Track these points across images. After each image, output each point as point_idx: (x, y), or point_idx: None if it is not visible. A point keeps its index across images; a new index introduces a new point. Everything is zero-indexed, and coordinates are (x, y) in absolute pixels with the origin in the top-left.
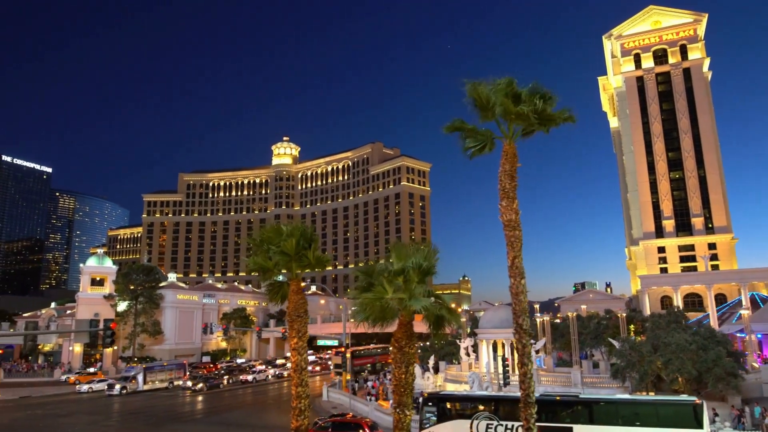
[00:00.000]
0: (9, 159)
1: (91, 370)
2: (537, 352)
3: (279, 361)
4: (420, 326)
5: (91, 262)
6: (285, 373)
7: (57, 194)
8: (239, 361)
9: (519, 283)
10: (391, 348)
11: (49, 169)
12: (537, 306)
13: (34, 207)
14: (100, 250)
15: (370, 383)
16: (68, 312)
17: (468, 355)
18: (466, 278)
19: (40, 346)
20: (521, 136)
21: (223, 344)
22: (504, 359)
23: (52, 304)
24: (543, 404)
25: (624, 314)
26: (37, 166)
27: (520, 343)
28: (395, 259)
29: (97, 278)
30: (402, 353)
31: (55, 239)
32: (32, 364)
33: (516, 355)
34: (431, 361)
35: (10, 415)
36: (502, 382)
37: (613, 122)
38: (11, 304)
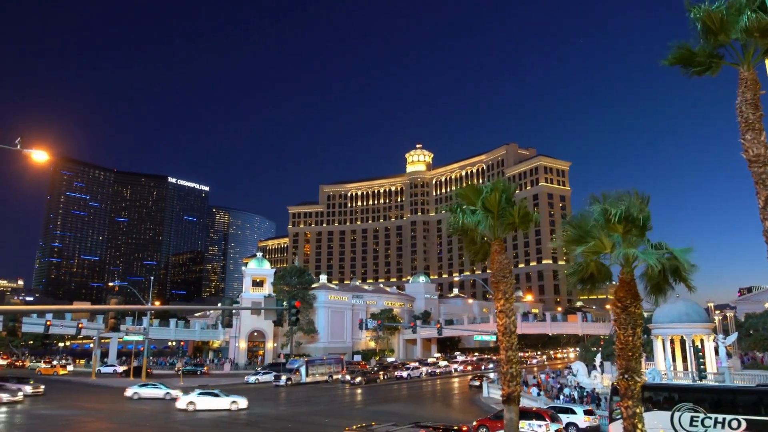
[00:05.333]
0: (174, 180)
1: (55, 362)
2: (727, 348)
3: (430, 360)
4: (574, 328)
5: (252, 265)
6: (438, 371)
7: (214, 210)
8: (389, 360)
9: None
10: (613, 309)
11: (207, 188)
12: (711, 305)
13: (195, 222)
14: (259, 254)
15: (535, 379)
16: (233, 313)
17: None
18: (613, 282)
19: (209, 343)
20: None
21: (372, 344)
22: (698, 351)
23: (218, 304)
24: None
25: None
26: (197, 186)
27: None
28: (609, 206)
29: (257, 280)
30: (627, 314)
31: (213, 251)
32: (204, 359)
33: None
34: (597, 360)
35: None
36: (696, 376)
37: None
38: (179, 309)
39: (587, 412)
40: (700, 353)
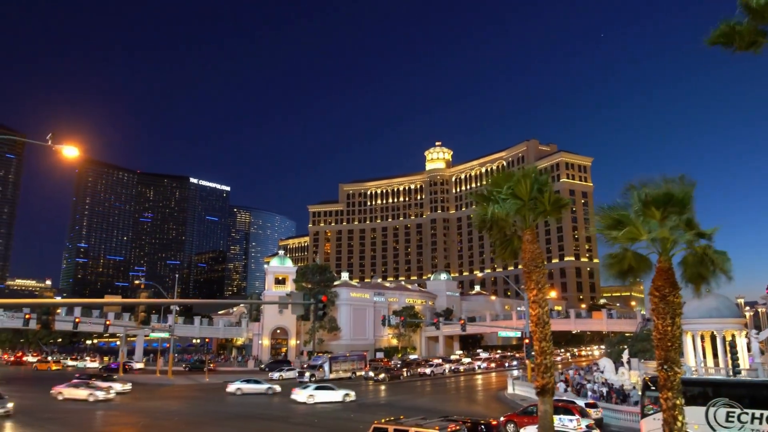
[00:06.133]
0: (195, 181)
1: (50, 358)
2: (759, 345)
3: (453, 357)
4: (599, 324)
5: (275, 262)
6: (461, 368)
7: (235, 210)
8: (411, 357)
9: None
10: (651, 298)
11: (228, 188)
12: (742, 301)
13: (217, 222)
14: (281, 252)
15: (562, 375)
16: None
17: None
18: (639, 280)
19: (233, 340)
20: None
21: (394, 341)
22: (732, 346)
23: (241, 303)
24: None
25: None
26: (218, 186)
27: None
28: (647, 190)
29: (280, 278)
30: (665, 303)
31: (235, 251)
32: (228, 356)
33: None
34: (625, 357)
35: (219, 394)
36: (731, 371)
37: None
38: (203, 307)
39: (589, 405)
40: (734, 348)
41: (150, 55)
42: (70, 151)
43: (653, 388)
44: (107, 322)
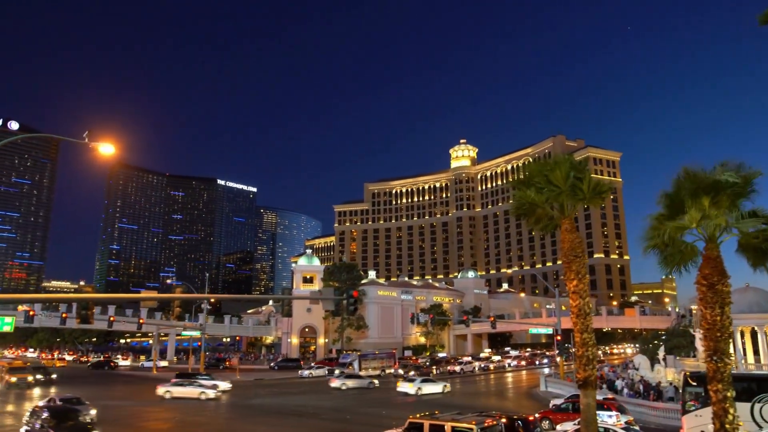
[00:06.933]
0: (222, 182)
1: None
2: None
3: (482, 355)
4: (632, 321)
5: (302, 261)
6: (491, 366)
7: (261, 211)
8: (440, 355)
9: None
10: (698, 288)
11: (254, 189)
12: None
13: (244, 223)
14: (308, 251)
15: (599, 371)
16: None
17: None
18: (671, 276)
19: (262, 339)
20: None
21: (422, 340)
22: None
23: (270, 302)
24: None
25: None
26: (245, 187)
27: None
28: (701, 176)
29: (308, 276)
30: (713, 292)
31: (262, 251)
32: (258, 354)
33: None
34: (660, 353)
35: (253, 392)
36: None
37: None
38: (230, 307)
39: (607, 400)
40: None
41: (176, 59)
42: (106, 149)
43: (694, 383)
44: (140, 321)
